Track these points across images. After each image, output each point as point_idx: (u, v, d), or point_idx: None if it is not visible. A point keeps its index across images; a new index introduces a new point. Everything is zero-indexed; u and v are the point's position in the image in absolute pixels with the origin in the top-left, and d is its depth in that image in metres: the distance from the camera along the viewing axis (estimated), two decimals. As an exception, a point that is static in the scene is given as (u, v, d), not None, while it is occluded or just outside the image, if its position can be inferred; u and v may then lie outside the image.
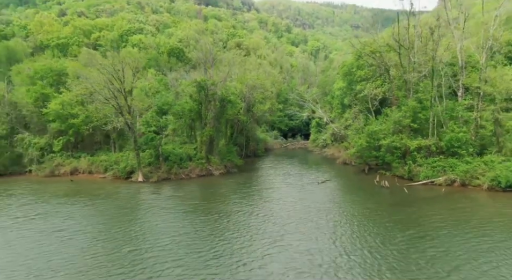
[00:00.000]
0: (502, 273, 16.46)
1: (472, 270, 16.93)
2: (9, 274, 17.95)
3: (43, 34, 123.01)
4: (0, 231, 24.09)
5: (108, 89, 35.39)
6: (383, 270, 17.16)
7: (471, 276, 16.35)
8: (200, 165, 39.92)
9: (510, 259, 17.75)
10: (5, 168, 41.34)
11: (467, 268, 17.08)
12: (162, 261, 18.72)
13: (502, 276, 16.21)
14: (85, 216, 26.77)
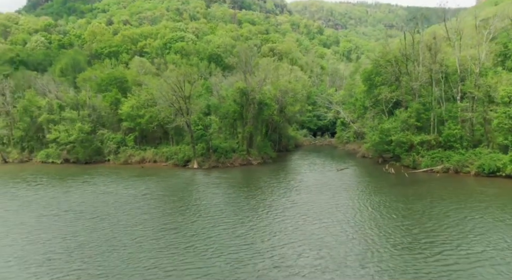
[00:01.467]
0: (472, 225, 25.20)
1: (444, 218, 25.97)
2: (128, 212, 29.08)
3: (96, 43, 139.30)
4: (110, 194, 35.67)
5: (172, 95, 46.72)
6: (378, 217, 26.58)
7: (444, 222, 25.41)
8: (242, 156, 50.41)
9: (479, 217, 26.51)
10: (90, 157, 53.84)
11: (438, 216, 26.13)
12: (218, 213, 29.25)
13: (471, 227, 25.02)
14: (158, 188, 38.02)
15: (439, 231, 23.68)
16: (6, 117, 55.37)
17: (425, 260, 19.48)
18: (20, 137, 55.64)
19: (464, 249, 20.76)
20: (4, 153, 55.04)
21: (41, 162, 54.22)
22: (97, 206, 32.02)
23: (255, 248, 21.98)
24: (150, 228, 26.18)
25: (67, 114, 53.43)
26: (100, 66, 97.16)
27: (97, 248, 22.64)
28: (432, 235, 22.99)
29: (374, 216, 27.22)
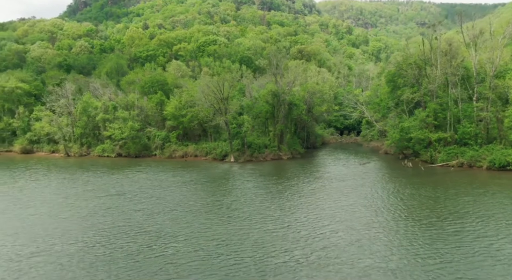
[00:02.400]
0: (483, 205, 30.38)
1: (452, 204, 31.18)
2: (179, 193, 36.07)
3: (135, 47, 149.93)
4: (162, 180, 42.98)
5: (212, 97, 53.74)
6: (397, 202, 32.11)
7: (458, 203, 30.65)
8: (273, 151, 56.69)
9: (482, 203, 31.51)
10: (139, 152, 61.89)
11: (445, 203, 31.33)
12: (252, 195, 35.68)
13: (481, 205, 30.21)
14: (200, 176, 45.00)
15: (441, 208, 28.91)
16: (69, 116, 64.49)
17: (435, 228, 24.98)
18: (80, 134, 64.66)
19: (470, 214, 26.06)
20: (67, 147, 64.19)
21: (97, 156, 62.93)
22: (154, 189, 39.33)
23: (280, 219, 28.22)
24: (200, 205, 33.04)
25: (120, 114, 61.79)
26: (141, 69, 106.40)
27: (169, 217, 29.67)
28: (435, 210, 28.29)
29: (388, 198, 32.66)
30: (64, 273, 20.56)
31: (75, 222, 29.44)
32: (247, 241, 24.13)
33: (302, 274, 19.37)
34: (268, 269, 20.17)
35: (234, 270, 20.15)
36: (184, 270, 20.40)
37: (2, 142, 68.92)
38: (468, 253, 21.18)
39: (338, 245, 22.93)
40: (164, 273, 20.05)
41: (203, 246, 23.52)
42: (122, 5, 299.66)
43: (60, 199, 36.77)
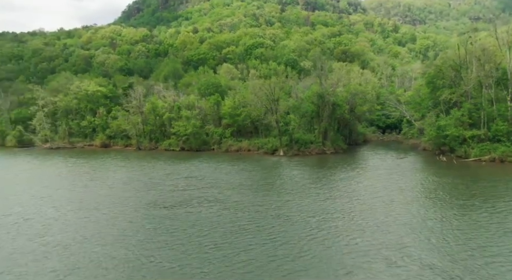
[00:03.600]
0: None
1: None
2: (238, 178, 44.81)
3: (187, 51, 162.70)
4: (222, 168, 52.07)
5: (265, 98, 62.26)
6: (433, 189, 38.73)
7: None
8: (318, 146, 64.13)
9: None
10: (199, 146, 71.86)
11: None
12: (298, 180, 43.54)
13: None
14: (254, 166, 53.58)
15: (470, 194, 35.09)
16: (140, 115, 76.11)
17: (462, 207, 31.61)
18: (149, 130, 76.09)
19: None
20: (139, 142, 75.88)
21: (164, 149, 73.87)
22: (217, 174, 48.55)
23: (320, 194, 35.89)
24: (256, 185, 41.59)
25: (184, 113, 72.22)
26: (195, 73, 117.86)
27: (234, 192, 38.50)
28: (460, 193, 34.56)
29: (416, 183, 39.18)
30: (169, 222, 29.86)
31: (168, 194, 39.10)
32: (295, 207, 32.17)
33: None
34: (312, 221, 28.10)
35: (287, 222, 28.29)
36: (250, 225, 28.91)
37: (85, 137, 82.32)
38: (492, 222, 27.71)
39: (364, 212, 30.31)
40: (237, 223, 28.71)
41: (264, 212, 31.93)
42: (171, 9, 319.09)
43: (147, 179, 47.03)
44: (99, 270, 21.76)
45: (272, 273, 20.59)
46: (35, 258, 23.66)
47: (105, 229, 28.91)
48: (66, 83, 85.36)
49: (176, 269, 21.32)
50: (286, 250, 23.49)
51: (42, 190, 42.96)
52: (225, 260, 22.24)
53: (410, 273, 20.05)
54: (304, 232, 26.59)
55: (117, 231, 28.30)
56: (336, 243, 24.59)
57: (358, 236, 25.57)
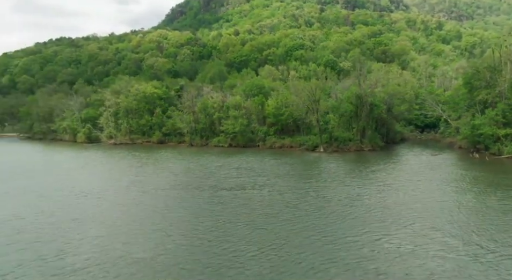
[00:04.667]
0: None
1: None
2: (283, 170, 51.86)
3: (229, 53, 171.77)
4: (268, 161, 59.36)
5: (306, 99, 68.89)
6: (463, 178, 43.93)
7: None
8: (356, 144, 69.80)
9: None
10: (245, 143, 79.66)
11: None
12: (336, 172, 49.81)
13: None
14: (297, 160, 60.37)
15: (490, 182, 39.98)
16: (192, 115, 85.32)
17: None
18: (201, 128, 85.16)
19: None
20: (191, 139, 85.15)
21: (213, 146, 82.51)
22: (264, 165, 55.86)
23: (354, 181, 42.07)
24: (298, 174, 48.42)
25: (232, 113, 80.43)
26: (239, 75, 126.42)
27: (281, 180, 45.62)
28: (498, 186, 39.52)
29: (448, 176, 44.30)
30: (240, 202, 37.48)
31: (223, 180, 46.87)
32: (331, 191, 38.69)
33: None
34: (354, 204, 34.53)
35: (324, 201, 34.89)
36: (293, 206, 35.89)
37: (143, 134, 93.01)
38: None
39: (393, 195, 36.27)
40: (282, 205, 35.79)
41: (305, 193, 38.74)
42: (213, 12, 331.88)
43: (203, 169, 55.31)
44: (197, 226, 29.55)
45: (313, 229, 27.54)
46: (139, 220, 31.96)
47: (186, 203, 37.01)
48: (126, 85, 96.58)
49: (250, 225, 28.65)
50: (326, 219, 30.21)
51: (127, 177, 52.47)
52: (284, 225, 29.31)
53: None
54: (338, 208, 33.12)
55: (195, 205, 36.28)
56: (358, 212, 30.89)
57: (380, 211, 31.72)
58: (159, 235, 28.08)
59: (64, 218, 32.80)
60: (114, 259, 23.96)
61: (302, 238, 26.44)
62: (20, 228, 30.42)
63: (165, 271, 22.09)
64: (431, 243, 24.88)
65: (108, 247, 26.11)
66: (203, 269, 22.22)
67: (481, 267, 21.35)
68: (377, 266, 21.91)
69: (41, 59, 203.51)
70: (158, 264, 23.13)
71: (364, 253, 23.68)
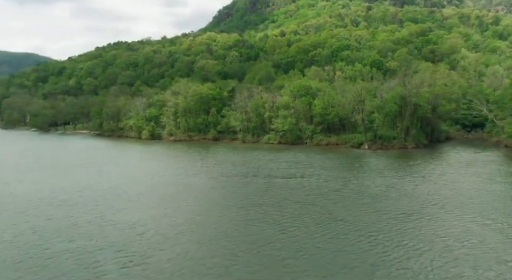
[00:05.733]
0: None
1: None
2: (327, 163, 58.45)
3: (276, 55, 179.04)
4: (314, 157, 66.16)
5: (352, 100, 74.80)
6: (497, 172, 48.55)
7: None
8: (399, 142, 74.57)
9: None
10: (294, 140, 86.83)
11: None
12: (379, 166, 55.58)
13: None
14: (342, 156, 66.55)
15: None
16: (245, 114, 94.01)
17: None
18: (252, 127, 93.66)
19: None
20: (243, 136, 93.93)
21: (264, 143, 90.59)
22: (312, 160, 62.76)
23: (398, 172, 47.78)
24: (344, 166, 54.85)
25: (282, 112, 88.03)
26: (287, 76, 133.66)
27: (330, 172, 52.42)
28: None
29: (484, 171, 48.81)
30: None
31: (276, 171, 54.40)
32: (370, 179, 44.87)
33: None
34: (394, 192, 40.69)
35: (364, 187, 41.24)
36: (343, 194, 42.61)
37: (199, 132, 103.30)
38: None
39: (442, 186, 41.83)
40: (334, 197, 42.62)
41: (348, 181, 45.27)
42: (258, 13, 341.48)
43: (256, 161, 63.29)
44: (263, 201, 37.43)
45: (352, 205, 34.35)
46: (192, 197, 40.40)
47: (247, 186, 45.09)
48: (184, 87, 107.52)
49: (302, 202, 36.00)
50: (363, 199, 36.83)
51: (193, 167, 61.99)
52: (329, 203, 36.36)
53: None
54: (374, 192, 39.46)
55: (255, 188, 44.26)
56: (389, 196, 36.99)
57: (407, 195, 37.63)
58: (234, 209, 36.30)
59: (158, 195, 42.22)
60: (207, 217, 32.46)
61: (344, 211, 33.61)
62: (137, 196, 40.10)
63: (247, 225, 30.14)
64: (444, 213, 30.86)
65: (201, 211, 34.71)
66: (272, 225, 29.93)
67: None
68: (410, 226, 28.46)
69: (102, 63, 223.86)
70: (240, 221, 31.25)
71: (390, 216, 30.28)
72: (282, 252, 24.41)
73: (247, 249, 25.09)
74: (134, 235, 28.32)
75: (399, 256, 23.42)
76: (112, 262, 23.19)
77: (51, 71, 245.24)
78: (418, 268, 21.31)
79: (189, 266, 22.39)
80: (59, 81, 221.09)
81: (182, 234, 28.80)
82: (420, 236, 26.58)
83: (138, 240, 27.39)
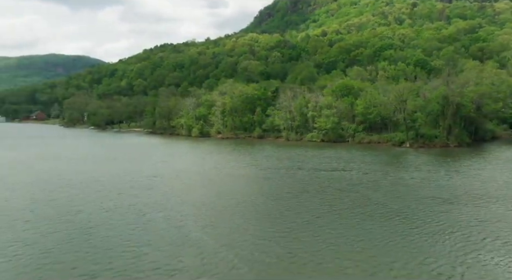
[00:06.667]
0: None
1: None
2: (369, 159, 62.81)
3: (318, 55, 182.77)
4: (359, 153, 70.55)
5: (394, 100, 78.26)
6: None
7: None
8: (442, 140, 77.03)
9: None
10: (336, 138, 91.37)
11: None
12: (418, 163, 59.20)
13: None
14: (384, 153, 70.34)
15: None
16: (289, 113, 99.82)
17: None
18: (296, 125, 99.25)
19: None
20: (287, 135, 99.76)
21: (307, 141, 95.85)
22: (353, 156, 67.23)
23: (435, 166, 51.42)
24: (381, 162, 59.05)
25: (325, 112, 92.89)
26: (329, 76, 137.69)
27: (371, 166, 56.99)
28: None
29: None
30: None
31: (318, 165, 59.71)
32: (409, 174, 48.93)
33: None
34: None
35: (401, 180, 45.55)
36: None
37: (245, 130, 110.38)
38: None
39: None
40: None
41: (385, 174, 49.65)
42: (300, 13, 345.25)
43: (302, 157, 68.73)
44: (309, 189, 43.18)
45: (388, 192, 39.08)
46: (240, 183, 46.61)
47: (294, 176, 50.89)
48: (231, 88, 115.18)
49: (344, 190, 41.25)
50: (401, 188, 41.35)
51: (242, 160, 68.84)
52: (368, 190, 41.32)
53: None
54: (410, 183, 43.71)
55: (301, 178, 49.93)
56: (425, 187, 41.07)
57: (439, 187, 41.53)
58: (284, 194, 42.28)
59: (222, 182, 49.22)
60: (258, 195, 38.71)
61: (380, 196, 38.59)
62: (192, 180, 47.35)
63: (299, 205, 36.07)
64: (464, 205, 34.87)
65: (258, 194, 41.02)
66: (318, 205, 35.53)
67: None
68: (440, 209, 33.01)
69: (151, 65, 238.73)
70: (292, 202, 37.20)
71: (422, 201, 34.85)
72: (328, 225, 30.06)
73: (302, 222, 30.98)
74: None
75: (428, 231, 28.30)
76: (194, 227, 30.00)
77: (104, 72, 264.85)
78: (443, 239, 25.97)
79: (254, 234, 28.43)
80: (112, 82, 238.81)
81: (244, 210, 35.18)
82: (443, 216, 31.32)
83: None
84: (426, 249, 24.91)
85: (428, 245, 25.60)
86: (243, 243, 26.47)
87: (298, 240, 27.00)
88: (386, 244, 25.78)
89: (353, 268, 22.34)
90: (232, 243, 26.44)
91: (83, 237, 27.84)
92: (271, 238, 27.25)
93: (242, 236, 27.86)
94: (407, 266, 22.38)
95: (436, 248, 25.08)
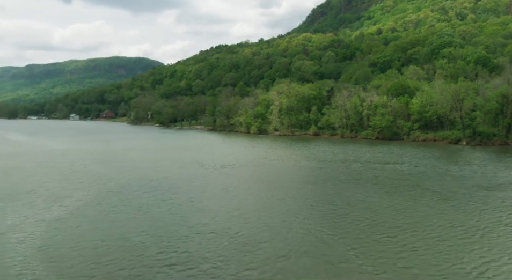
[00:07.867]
0: None
1: None
2: (423, 156, 66.66)
3: (373, 54, 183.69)
4: (410, 150, 74.34)
5: (451, 98, 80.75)
6: None
7: None
8: (501, 138, 78.26)
9: None
10: (391, 136, 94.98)
11: None
12: (472, 159, 62.19)
13: None
14: (438, 149, 73.43)
15: None
16: (344, 112, 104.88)
17: None
18: (351, 123, 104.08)
19: None
20: (342, 132, 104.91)
21: (362, 138, 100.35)
22: (405, 151, 71.21)
23: (493, 163, 54.57)
24: (433, 158, 62.79)
25: (380, 110, 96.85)
26: (384, 75, 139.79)
27: (422, 160, 61.21)
28: None
29: None
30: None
31: (370, 158, 64.68)
32: (458, 169, 52.67)
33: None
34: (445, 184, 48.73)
35: (447, 175, 49.66)
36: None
37: (301, 128, 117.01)
38: None
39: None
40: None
41: (434, 167, 53.80)
42: (354, 10, 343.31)
43: (356, 153, 73.95)
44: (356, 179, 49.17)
45: (434, 183, 43.84)
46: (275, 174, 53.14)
47: (349, 168, 56.82)
48: (288, 87, 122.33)
49: (397, 180, 46.65)
50: (447, 178, 45.80)
51: (301, 154, 75.77)
52: (419, 180, 46.37)
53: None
54: (456, 174, 47.81)
55: (356, 170, 55.68)
56: (470, 179, 45.01)
57: (489, 177, 45.22)
58: (339, 181, 48.63)
59: (274, 170, 56.68)
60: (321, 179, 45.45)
61: (427, 183, 43.81)
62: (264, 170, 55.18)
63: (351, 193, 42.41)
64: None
65: (316, 182, 47.81)
66: (372, 189, 41.53)
67: None
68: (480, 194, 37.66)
69: (208, 66, 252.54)
70: (346, 188, 43.58)
71: (466, 188, 39.47)
72: (381, 204, 36.23)
73: (356, 201, 37.46)
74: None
75: (465, 210, 33.64)
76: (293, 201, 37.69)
77: (165, 73, 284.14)
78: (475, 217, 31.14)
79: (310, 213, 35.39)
80: (172, 82, 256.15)
81: (310, 191, 42.30)
82: (480, 201, 36.12)
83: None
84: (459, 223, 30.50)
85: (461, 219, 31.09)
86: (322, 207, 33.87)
87: (354, 207, 33.79)
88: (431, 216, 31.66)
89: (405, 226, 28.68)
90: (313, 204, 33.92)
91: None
92: (335, 208, 34.21)
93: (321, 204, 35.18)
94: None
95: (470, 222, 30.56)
